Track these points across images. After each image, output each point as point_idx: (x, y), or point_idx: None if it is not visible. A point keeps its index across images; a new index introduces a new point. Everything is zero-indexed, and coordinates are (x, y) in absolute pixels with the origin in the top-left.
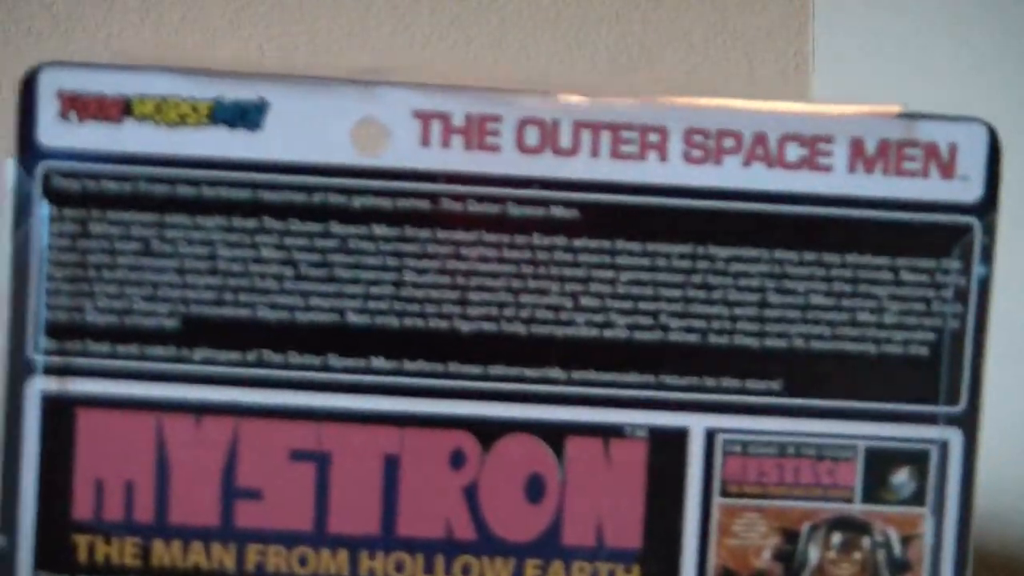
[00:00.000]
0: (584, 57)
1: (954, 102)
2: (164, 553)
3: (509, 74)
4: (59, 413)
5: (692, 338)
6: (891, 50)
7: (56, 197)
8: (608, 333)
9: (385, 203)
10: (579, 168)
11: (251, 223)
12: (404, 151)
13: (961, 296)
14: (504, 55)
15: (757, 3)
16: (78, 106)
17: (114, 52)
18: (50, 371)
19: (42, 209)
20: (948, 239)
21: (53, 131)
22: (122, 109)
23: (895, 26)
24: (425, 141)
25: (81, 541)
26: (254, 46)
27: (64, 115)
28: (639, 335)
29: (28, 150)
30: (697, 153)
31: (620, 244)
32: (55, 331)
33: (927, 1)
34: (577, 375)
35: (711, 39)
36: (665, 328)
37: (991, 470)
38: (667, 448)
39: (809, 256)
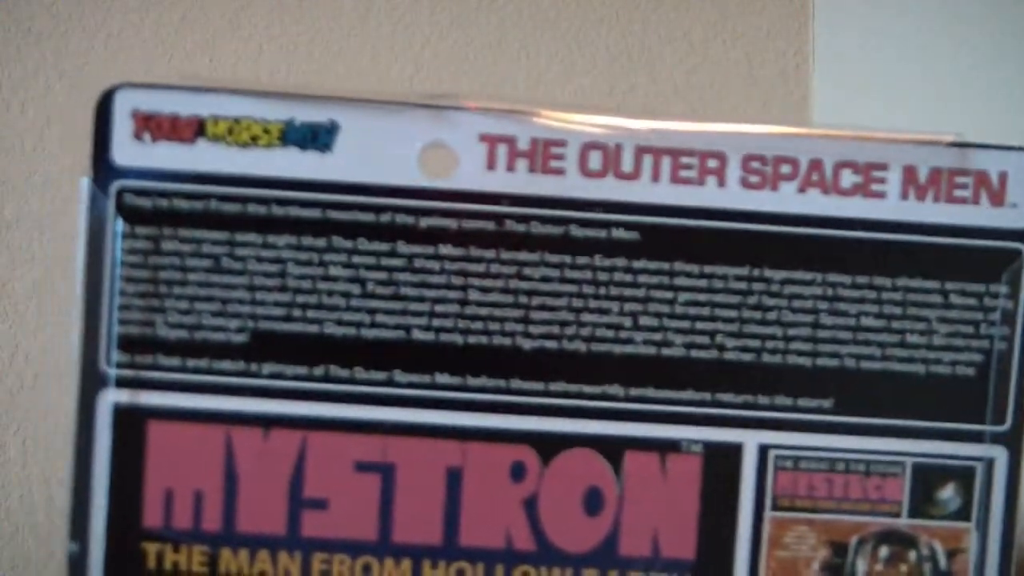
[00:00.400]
0: (584, 57)
1: (954, 102)
2: (231, 561)
3: (507, 77)
4: (130, 424)
5: (747, 357)
6: (891, 50)
7: (129, 215)
8: (666, 351)
9: (451, 224)
10: (640, 192)
11: (320, 242)
12: (470, 174)
13: (1008, 319)
14: (504, 55)
15: (757, 3)
16: (152, 126)
17: (111, 52)
18: (122, 384)
19: (115, 226)
20: (997, 264)
21: (127, 150)
22: (195, 130)
23: (895, 26)
24: (491, 164)
25: (150, 549)
26: (254, 46)
27: (138, 135)
28: (696, 353)
29: (102, 169)
30: (754, 179)
31: (679, 266)
32: (127, 345)
33: (927, 1)
34: (635, 392)
35: (711, 39)
36: (721, 347)
37: None
38: (721, 463)
39: (861, 279)
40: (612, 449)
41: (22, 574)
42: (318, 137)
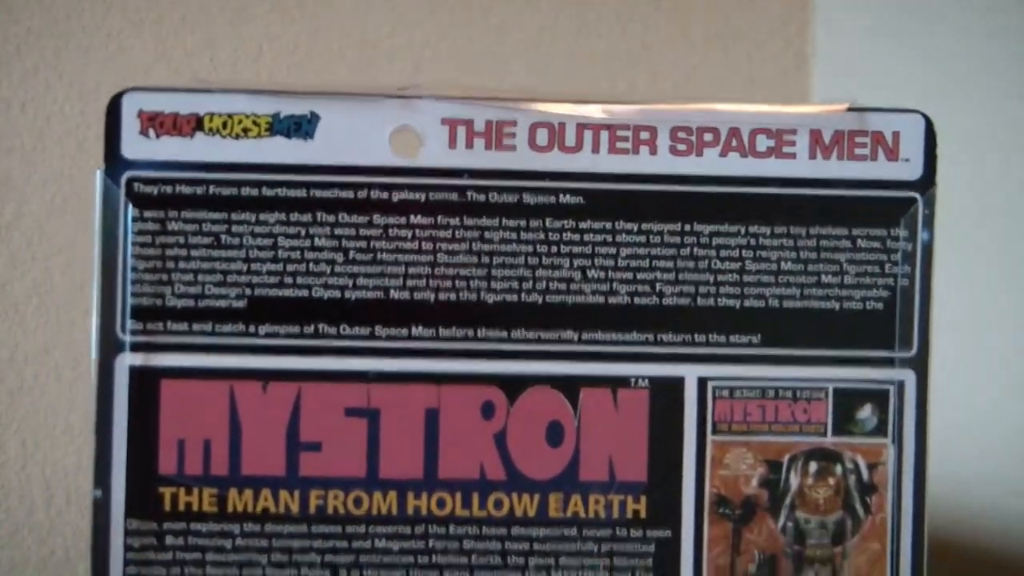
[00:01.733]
0: (584, 57)
1: (954, 101)
2: (237, 500)
3: (517, 78)
4: (144, 383)
5: (683, 301)
6: (891, 50)
7: (138, 200)
8: (612, 299)
9: (420, 197)
10: (583, 162)
11: (306, 217)
12: (435, 153)
13: (909, 258)
14: (504, 55)
15: (757, 3)
16: (156, 123)
17: (111, 52)
18: (136, 348)
19: (127, 211)
20: (896, 211)
21: (135, 145)
22: (194, 125)
23: (895, 26)
24: (452, 144)
25: (166, 492)
26: (254, 46)
27: (144, 131)
28: (638, 300)
29: (114, 162)
30: (682, 147)
31: (619, 224)
32: (140, 314)
33: (928, 1)
34: (587, 336)
35: (711, 39)
36: (660, 294)
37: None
38: (666, 395)
39: (779, 229)
40: (569, 387)
41: (22, 574)
42: (301, 127)
